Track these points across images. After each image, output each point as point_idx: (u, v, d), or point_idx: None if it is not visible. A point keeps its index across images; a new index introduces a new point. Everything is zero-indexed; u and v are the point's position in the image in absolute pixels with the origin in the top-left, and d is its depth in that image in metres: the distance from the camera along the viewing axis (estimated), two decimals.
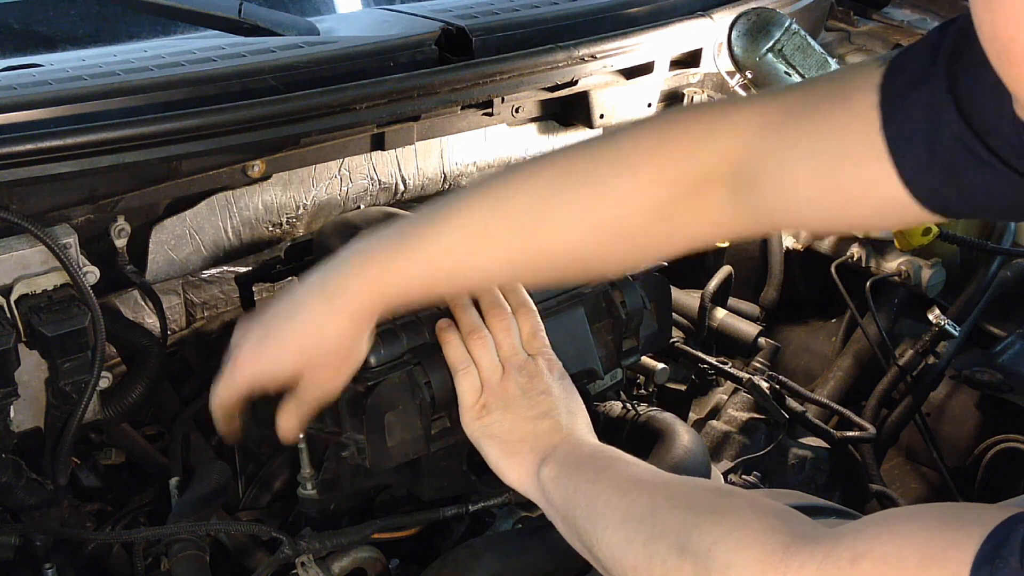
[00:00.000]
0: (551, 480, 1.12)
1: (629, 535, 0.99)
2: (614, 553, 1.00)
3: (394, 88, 1.41)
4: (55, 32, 1.93)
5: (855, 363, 1.98)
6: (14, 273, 1.22)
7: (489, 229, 1.10)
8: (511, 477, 1.17)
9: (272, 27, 1.55)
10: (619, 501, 1.02)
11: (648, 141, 1.09)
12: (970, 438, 1.94)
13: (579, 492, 1.08)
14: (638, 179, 1.07)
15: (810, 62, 1.73)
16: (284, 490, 1.43)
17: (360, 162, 1.55)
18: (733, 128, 1.04)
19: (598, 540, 1.02)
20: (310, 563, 1.22)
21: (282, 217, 1.51)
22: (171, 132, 1.26)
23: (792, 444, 1.67)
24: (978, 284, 1.93)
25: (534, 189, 1.10)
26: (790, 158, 1.00)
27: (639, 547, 0.97)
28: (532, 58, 1.51)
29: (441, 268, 1.10)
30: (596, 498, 1.05)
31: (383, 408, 1.19)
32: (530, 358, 1.23)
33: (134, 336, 1.35)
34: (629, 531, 0.99)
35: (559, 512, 1.11)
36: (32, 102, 1.25)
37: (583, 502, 1.07)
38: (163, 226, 1.41)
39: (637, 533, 0.98)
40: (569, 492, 1.09)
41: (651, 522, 0.98)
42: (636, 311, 1.35)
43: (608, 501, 1.03)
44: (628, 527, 0.99)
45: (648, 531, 0.97)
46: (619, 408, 1.50)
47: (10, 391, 1.21)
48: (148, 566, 1.31)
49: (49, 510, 1.29)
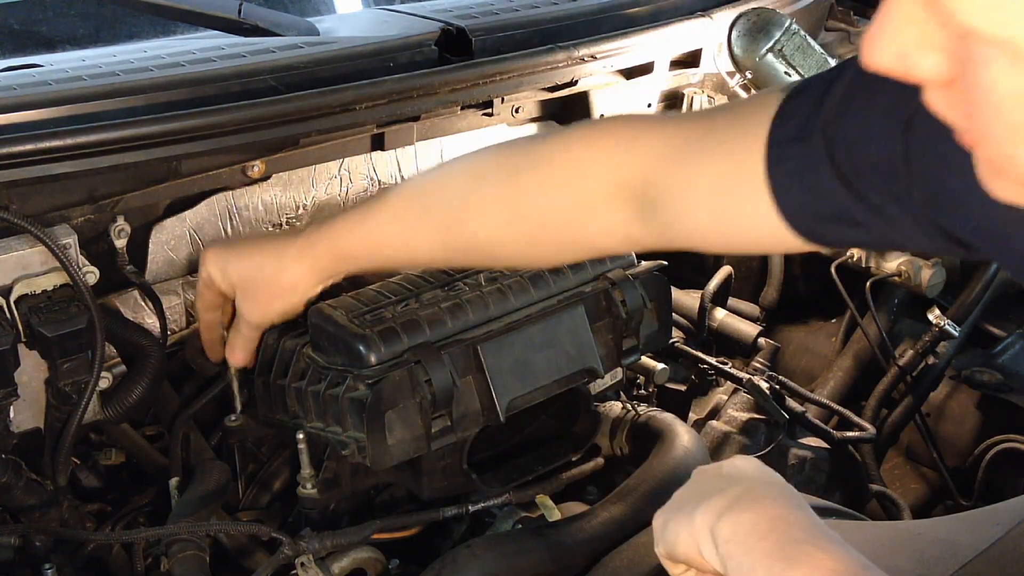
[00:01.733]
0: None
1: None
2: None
3: (394, 88, 1.41)
4: (55, 32, 1.93)
5: (855, 363, 1.98)
6: (14, 273, 1.22)
7: (421, 215, 1.19)
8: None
9: (272, 27, 1.55)
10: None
11: (572, 145, 1.13)
12: (970, 438, 1.94)
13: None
14: (555, 180, 1.12)
15: (810, 62, 1.73)
16: (284, 490, 1.43)
17: (360, 162, 1.55)
18: (646, 147, 1.08)
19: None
20: (310, 563, 1.22)
21: (282, 217, 1.51)
22: (171, 132, 1.26)
23: (792, 444, 1.67)
24: (978, 284, 1.93)
25: (464, 179, 1.18)
26: (689, 184, 1.04)
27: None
28: (532, 58, 1.51)
29: (382, 246, 1.22)
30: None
31: (384, 406, 1.19)
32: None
33: (134, 336, 1.35)
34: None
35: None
36: (32, 102, 1.25)
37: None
38: (163, 226, 1.41)
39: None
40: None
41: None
42: (636, 310, 1.35)
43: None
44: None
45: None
46: (619, 408, 1.50)
47: (10, 391, 1.21)
48: (148, 566, 1.31)
49: (49, 510, 1.29)
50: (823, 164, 0.94)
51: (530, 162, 1.15)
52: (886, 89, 0.89)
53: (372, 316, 1.24)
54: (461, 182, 1.19)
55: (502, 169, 1.16)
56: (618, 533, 1.26)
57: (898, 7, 0.60)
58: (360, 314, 1.24)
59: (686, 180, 1.04)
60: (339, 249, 1.23)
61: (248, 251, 1.29)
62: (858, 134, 0.92)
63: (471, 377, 1.24)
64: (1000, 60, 0.55)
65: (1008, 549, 1.15)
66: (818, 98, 0.96)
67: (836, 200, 0.94)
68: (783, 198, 0.97)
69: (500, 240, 1.17)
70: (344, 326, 1.23)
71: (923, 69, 0.61)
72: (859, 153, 0.92)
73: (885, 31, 0.61)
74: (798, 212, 0.97)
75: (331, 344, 1.24)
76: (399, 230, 1.20)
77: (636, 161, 1.08)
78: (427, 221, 1.19)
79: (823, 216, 0.96)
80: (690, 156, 1.04)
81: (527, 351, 1.27)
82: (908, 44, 0.60)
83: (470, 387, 1.24)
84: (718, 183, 1.02)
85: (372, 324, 1.23)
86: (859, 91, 0.93)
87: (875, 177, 0.92)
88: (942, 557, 1.15)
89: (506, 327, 1.27)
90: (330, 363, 1.25)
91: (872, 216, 0.94)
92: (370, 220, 1.21)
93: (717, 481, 0.95)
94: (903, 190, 0.91)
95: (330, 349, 1.25)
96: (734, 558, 0.86)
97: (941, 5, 0.55)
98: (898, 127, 0.89)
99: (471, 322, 1.26)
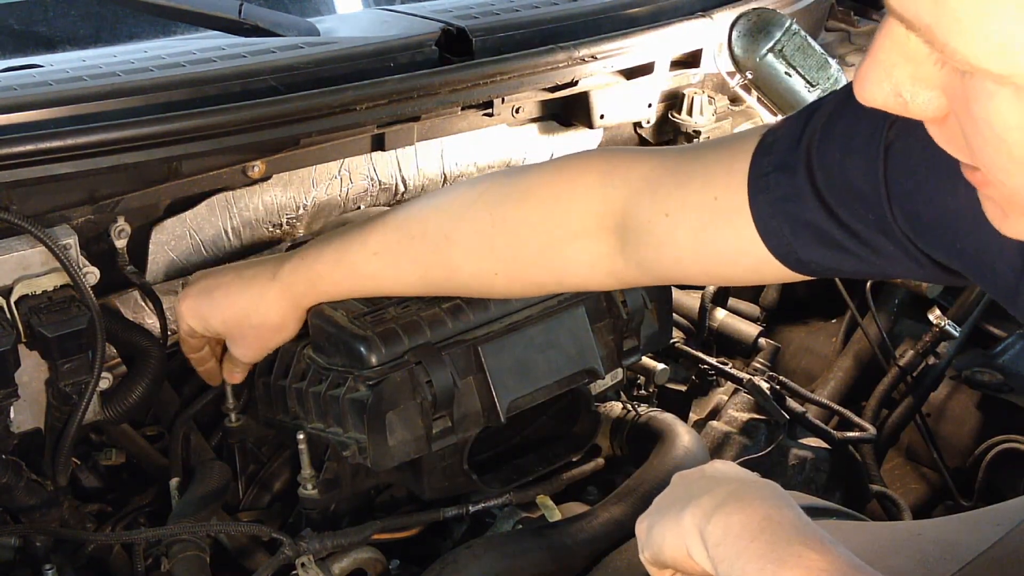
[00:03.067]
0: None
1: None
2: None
3: (394, 89, 1.41)
4: (55, 33, 1.93)
5: (855, 363, 1.98)
6: (14, 274, 1.22)
7: (402, 250, 1.20)
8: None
9: (272, 28, 1.55)
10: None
11: (554, 179, 1.14)
12: (970, 439, 1.94)
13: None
14: (536, 214, 1.13)
15: (810, 62, 1.73)
16: (284, 490, 1.43)
17: (360, 163, 1.55)
18: (623, 180, 1.09)
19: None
20: (310, 564, 1.22)
21: (282, 218, 1.51)
22: (171, 133, 1.26)
23: (792, 445, 1.67)
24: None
25: (445, 214, 1.19)
26: (670, 216, 1.04)
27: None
28: (532, 59, 1.51)
29: (363, 280, 1.23)
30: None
31: (385, 407, 1.19)
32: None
33: (134, 337, 1.35)
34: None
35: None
36: (32, 103, 1.25)
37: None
38: (163, 227, 1.41)
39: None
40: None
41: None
42: (637, 311, 1.35)
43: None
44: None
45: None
46: (619, 408, 1.50)
47: (10, 392, 1.21)
48: (148, 567, 1.31)
49: (49, 511, 1.29)
50: (806, 194, 0.94)
51: (511, 195, 1.16)
52: (865, 118, 0.90)
53: (373, 317, 1.24)
54: (442, 216, 1.19)
55: (483, 202, 1.17)
56: (618, 533, 1.26)
57: (891, 44, 0.60)
58: (361, 315, 1.24)
59: (667, 212, 1.04)
60: (321, 285, 1.24)
61: (225, 298, 1.27)
62: (839, 162, 0.93)
63: (472, 378, 1.24)
64: (1002, 94, 0.56)
65: (1008, 550, 1.15)
66: (799, 130, 0.96)
67: (821, 229, 0.95)
68: (767, 228, 0.98)
69: (482, 273, 1.18)
70: (345, 327, 1.23)
71: (918, 105, 0.61)
72: (841, 181, 0.93)
73: (878, 68, 0.61)
74: (783, 242, 0.98)
75: (332, 345, 1.24)
76: (381, 265, 1.21)
77: (617, 194, 1.09)
78: (408, 255, 1.20)
79: (808, 245, 0.97)
80: (671, 188, 1.05)
81: (528, 352, 1.27)
82: (902, 81, 0.61)
83: (471, 388, 1.24)
84: (700, 215, 1.02)
85: (373, 325, 1.23)
86: (839, 121, 0.94)
87: (858, 205, 0.93)
88: (942, 557, 1.15)
89: (507, 328, 1.27)
90: (331, 364, 1.25)
91: (858, 244, 0.95)
92: (351, 254, 1.21)
93: (702, 482, 0.95)
94: (884, 217, 0.91)
95: (331, 350, 1.25)
96: (725, 561, 0.86)
97: (942, 45, 0.55)
98: (878, 155, 0.90)
99: (472, 323, 1.26)
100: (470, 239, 1.17)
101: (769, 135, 0.99)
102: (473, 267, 1.18)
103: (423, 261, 1.20)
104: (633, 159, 1.11)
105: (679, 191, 1.04)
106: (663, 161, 1.08)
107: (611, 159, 1.14)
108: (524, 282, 1.20)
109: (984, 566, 1.13)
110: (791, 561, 0.81)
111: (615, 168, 1.11)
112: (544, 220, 1.13)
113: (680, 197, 1.04)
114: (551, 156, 1.71)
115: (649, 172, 1.08)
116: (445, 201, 1.21)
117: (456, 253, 1.18)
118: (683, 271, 1.10)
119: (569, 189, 1.12)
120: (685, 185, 1.04)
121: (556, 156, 1.71)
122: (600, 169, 1.12)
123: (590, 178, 1.12)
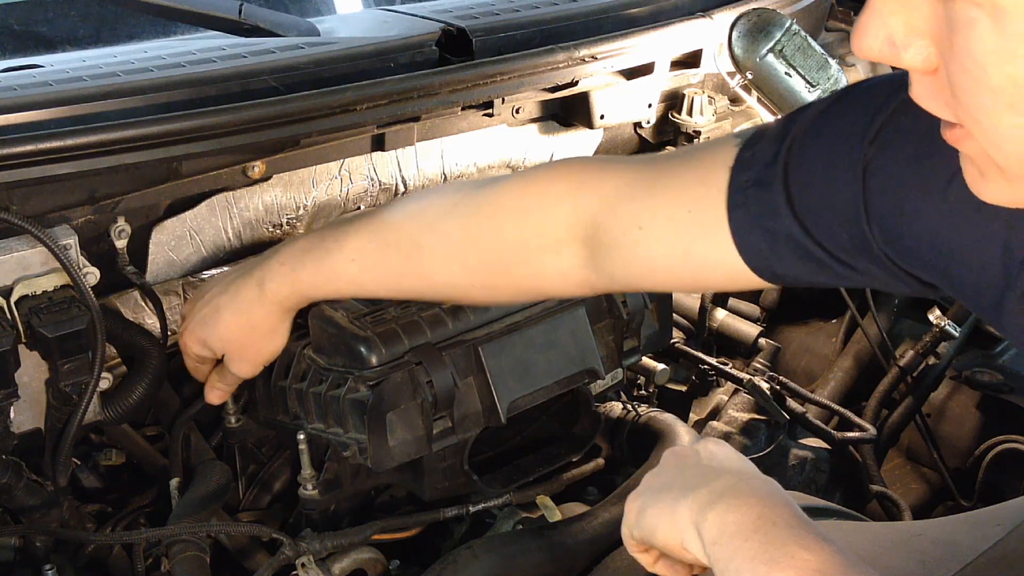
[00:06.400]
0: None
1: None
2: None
3: (394, 89, 1.41)
4: (55, 33, 1.93)
5: (855, 364, 1.98)
6: (14, 274, 1.22)
7: (377, 256, 1.21)
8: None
9: (272, 28, 1.55)
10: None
11: (527, 188, 1.15)
12: (970, 439, 1.94)
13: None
14: (508, 222, 1.14)
15: (811, 63, 1.73)
16: (285, 491, 1.43)
17: (360, 163, 1.55)
18: (595, 190, 1.09)
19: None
20: (310, 564, 1.22)
21: (282, 218, 1.51)
22: (171, 133, 1.26)
23: (792, 445, 1.67)
24: None
25: (418, 221, 1.19)
26: (644, 225, 1.04)
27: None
28: (532, 59, 1.51)
29: (343, 284, 1.23)
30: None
31: (385, 408, 1.19)
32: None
33: (134, 337, 1.35)
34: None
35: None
36: (33, 103, 1.24)
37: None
38: (163, 227, 1.41)
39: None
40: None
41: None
42: (637, 311, 1.35)
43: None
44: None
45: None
46: (619, 409, 1.50)
47: (10, 392, 1.21)
48: (148, 567, 1.31)
49: (49, 511, 1.29)
50: (783, 211, 0.95)
51: (484, 204, 1.16)
52: (843, 135, 0.91)
53: (373, 318, 1.24)
54: (416, 223, 1.19)
55: (456, 211, 1.17)
56: (618, 534, 1.26)
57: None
58: (361, 316, 1.24)
59: (640, 224, 1.05)
60: (305, 291, 1.25)
61: (222, 321, 1.29)
62: (817, 181, 0.93)
63: (472, 378, 1.24)
64: (984, 21, 0.59)
65: (1009, 550, 1.15)
66: (776, 145, 0.96)
67: (799, 244, 0.95)
68: (744, 242, 0.98)
69: (455, 280, 1.19)
70: (345, 328, 1.23)
71: (910, 55, 0.65)
72: (818, 200, 0.93)
73: (875, 17, 0.65)
74: (760, 256, 0.98)
75: (332, 346, 1.24)
76: (358, 270, 1.22)
77: (588, 205, 1.09)
78: (384, 263, 1.21)
79: (785, 259, 0.97)
80: (645, 200, 1.05)
81: (528, 352, 1.27)
82: (896, 30, 0.65)
83: (471, 388, 1.24)
84: (676, 227, 1.02)
85: (373, 325, 1.23)
86: (817, 138, 0.94)
87: (835, 224, 0.93)
88: (943, 558, 1.15)
89: (507, 328, 1.27)
90: (331, 364, 1.25)
91: (835, 261, 0.95)
92: (329, 260, 1.22)
93: (699, 470, 0.95)
94: (863, 235, 0.92)
95: (331, 351, 1.25)
96: (720, 560, 0.86)
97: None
98: (857, 174, 0.90)
99: (472, 323, 1.26)
100: (442, 249, 1.17)
101: (747, 149, 0.99)
102: (446, 276, 1.19)
103: (398, 269, 1.20)
104: (605, 170, 1.11)
105: (653, 203, 1.04)
106: (638, 172, 1.08)
107: (583, 170, 1.14)
108: (500, 291, 1.20)
109: (984, 566, 1.13)
110: (783, 561, 0.82)
111: (587, 179, 1.11)
112: (514, 232, 1.13)
113: (654, 208, 1.04)
114: (551, 156, 1.71)
115: (622, 183, 1.07)
116: (418, 208, 1.21)
117: (429, 262, 1.18)
118: (655, 281, 1.11)
119: (539, 201, 1.12)
120: (659, 196, 1.04)
121: (556, 156, 1.71)
122: (571, 180, 1.12)
123: (560, 189, 1.11)
